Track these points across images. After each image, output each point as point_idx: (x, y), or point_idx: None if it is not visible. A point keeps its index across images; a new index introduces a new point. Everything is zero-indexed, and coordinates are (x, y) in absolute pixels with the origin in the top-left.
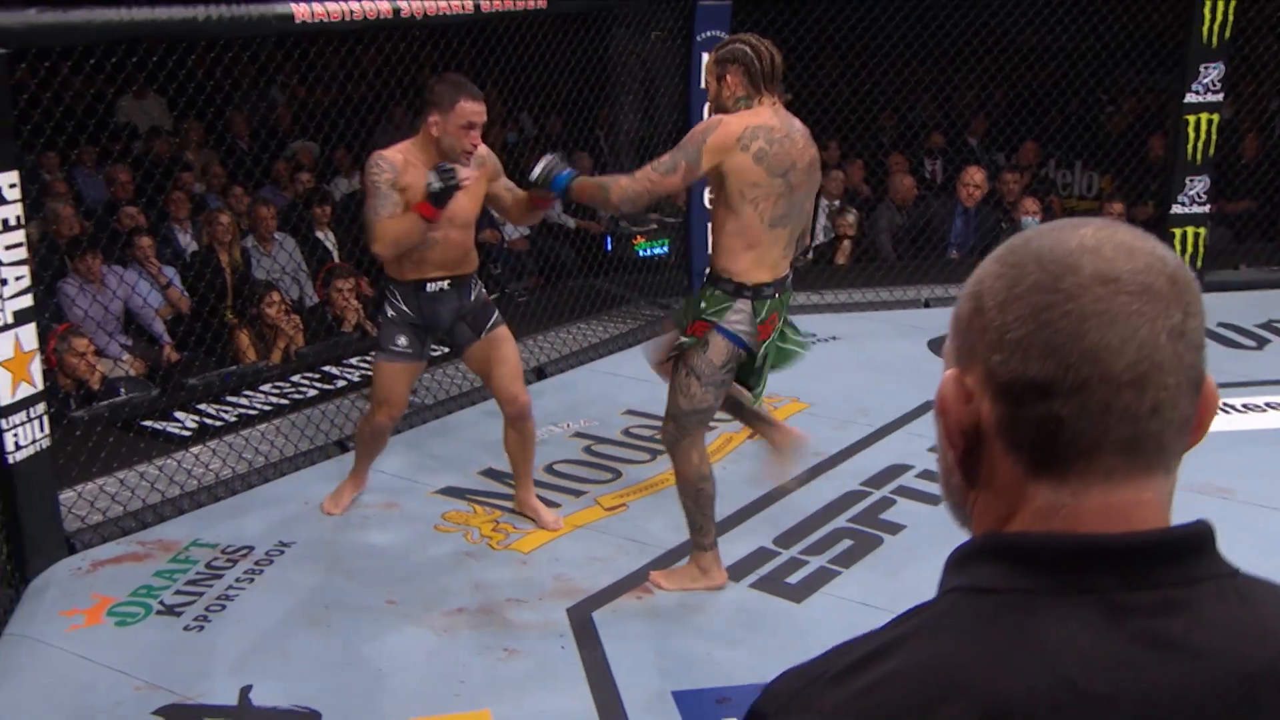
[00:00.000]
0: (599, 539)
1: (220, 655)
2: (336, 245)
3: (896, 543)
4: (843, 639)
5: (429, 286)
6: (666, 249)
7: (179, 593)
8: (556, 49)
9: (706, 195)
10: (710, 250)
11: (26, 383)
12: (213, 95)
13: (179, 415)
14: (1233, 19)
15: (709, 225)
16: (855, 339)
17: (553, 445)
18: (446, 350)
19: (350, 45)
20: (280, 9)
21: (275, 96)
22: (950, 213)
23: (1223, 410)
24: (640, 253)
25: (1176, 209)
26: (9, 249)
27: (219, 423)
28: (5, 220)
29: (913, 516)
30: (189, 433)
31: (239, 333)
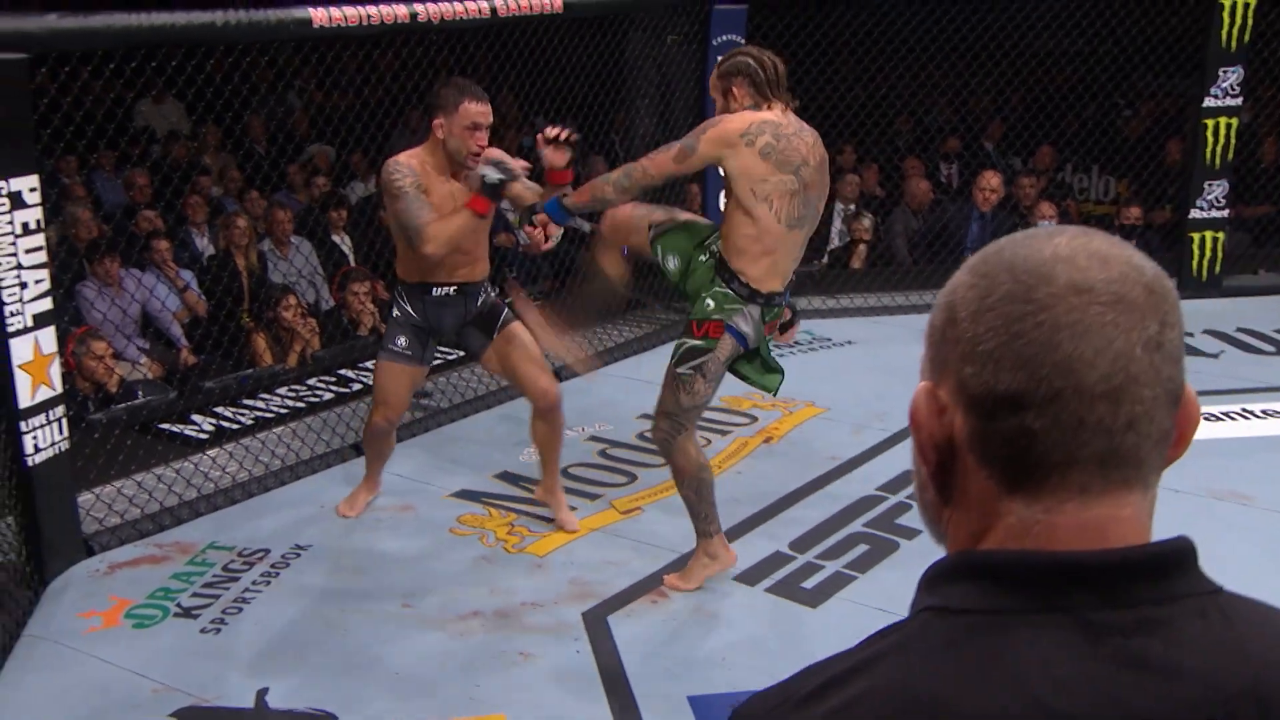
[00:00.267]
0: (614, 542)
1: (237, 658)
2: (352, 249)
3: (912, 547)
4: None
5: (435, 291)
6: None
7: (196, 595)
8: (572, 53)
9: (721, 197)
10: (722, 248)
11: (46, 386)
12: (230, 100)
13: (196, 418)
14: (1252, 23)
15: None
16: (871, 343)
17: (568, 449)
18: (461, 354)
19: (368, 50)
20: (298, 14)
21: (292, 101)
22: (966, 217)
23: (1242, 416)
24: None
25: (1195, 213)
26: (29, 253)
27: (236, 426)
28: (25, 224)
29: None
30: (206, 436)
31: (256, 336)
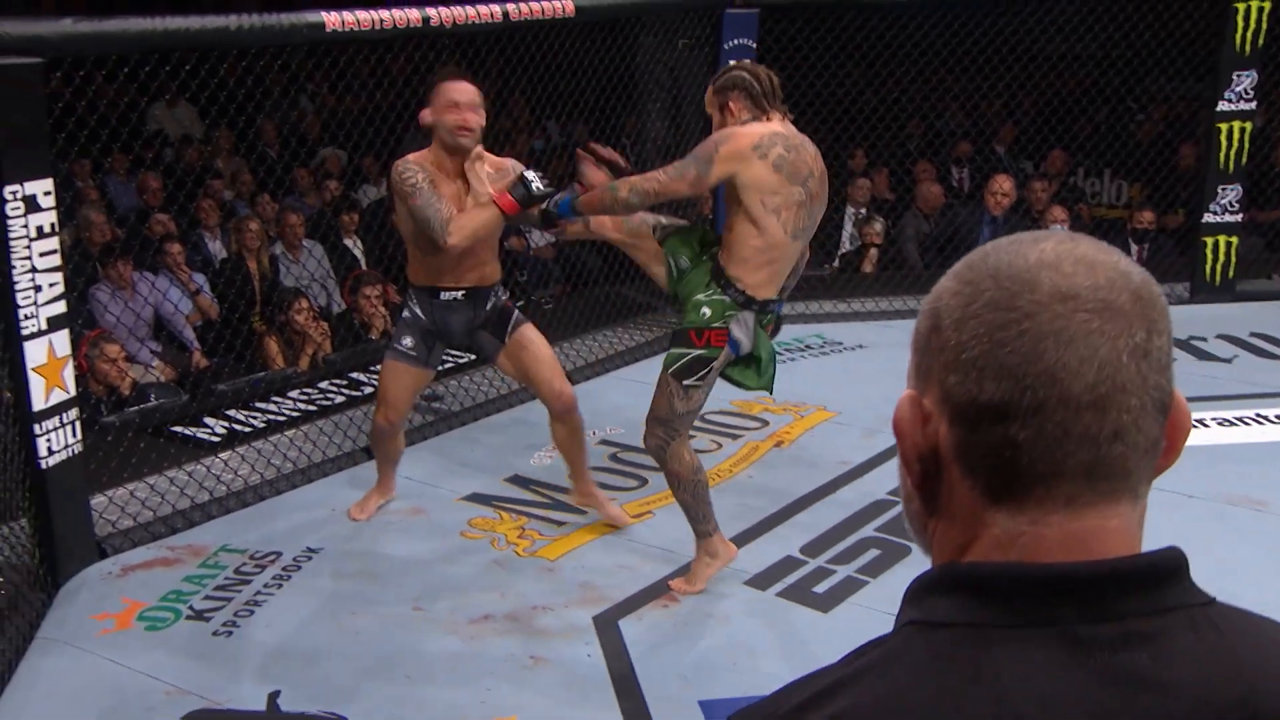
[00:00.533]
0: (626, 546)
1: (249, 660)
2: (364, 252)
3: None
4: None
5: (443, 295)
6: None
7: (208, 598)
8: (583, 57)
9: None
10: (720, 255)
11: (60, 389)
12: (243, 104)
13: (208, 421)
14: (1266, 26)
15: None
16: (882, 347)
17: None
18: (472, 358)
19: (380, 54)
20: (311, 18)
21: (304, 105)
22: (978, 221)
23: (1256, 421)
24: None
25: (1208, 218)
26: (43, 256)
27: (248, 429)
28: (40, 227)
29: None
30: (218, 439)
31: (267, 339)
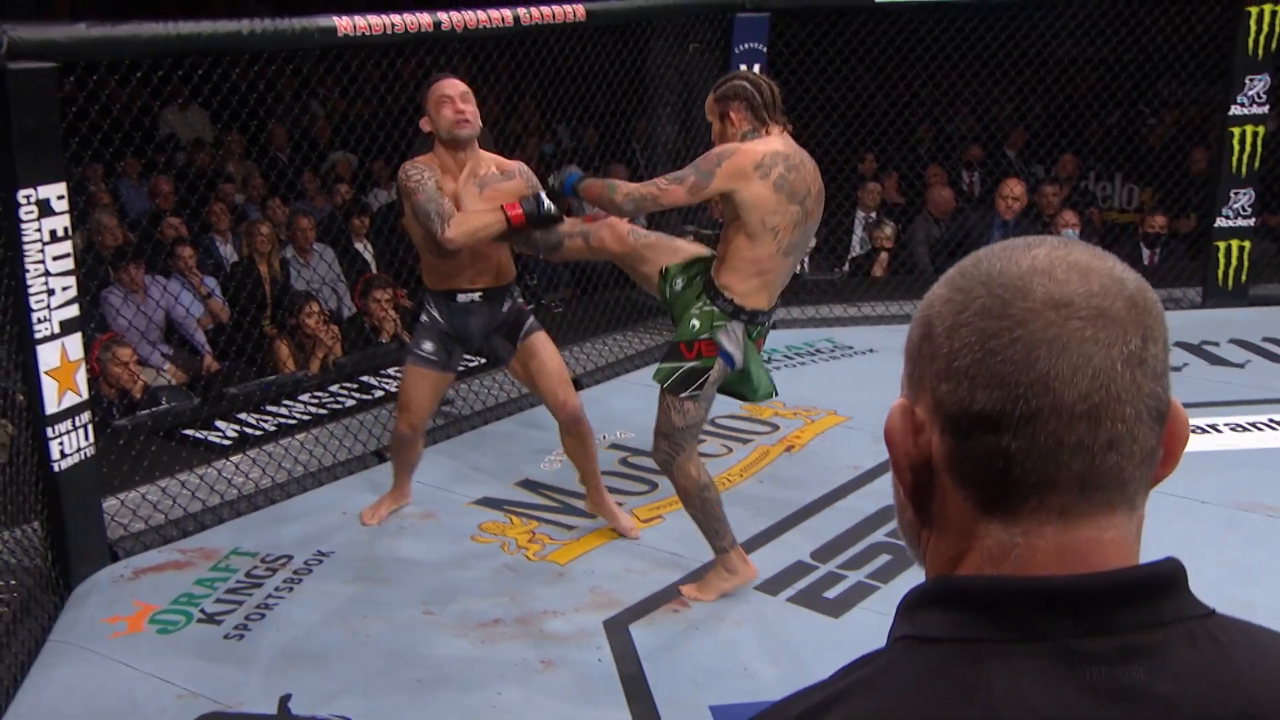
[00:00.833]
0: (635, 551)
1: (260, 664)
2: (374, 256)
3: None
4: None
5: (459, 298)
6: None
7: (219, 601)
8: (594, 61)
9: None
10: (714, 266)
11: (72, 392)
12: (255, 108)
13: (219, 424)
14: (1279, 30)
15: None
16: (893, 351)
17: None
18: (483, 361)
19: (391, 58)
20: (323, 23)
21: (315, 109)
22: (988, 225)
23: (1269, 426)
24: None
25: (1221, 222)
26: (56, 260)
27: (258, 432)
28: (53, 231)
29: None
30: (229, 442)
31: (278, 343)
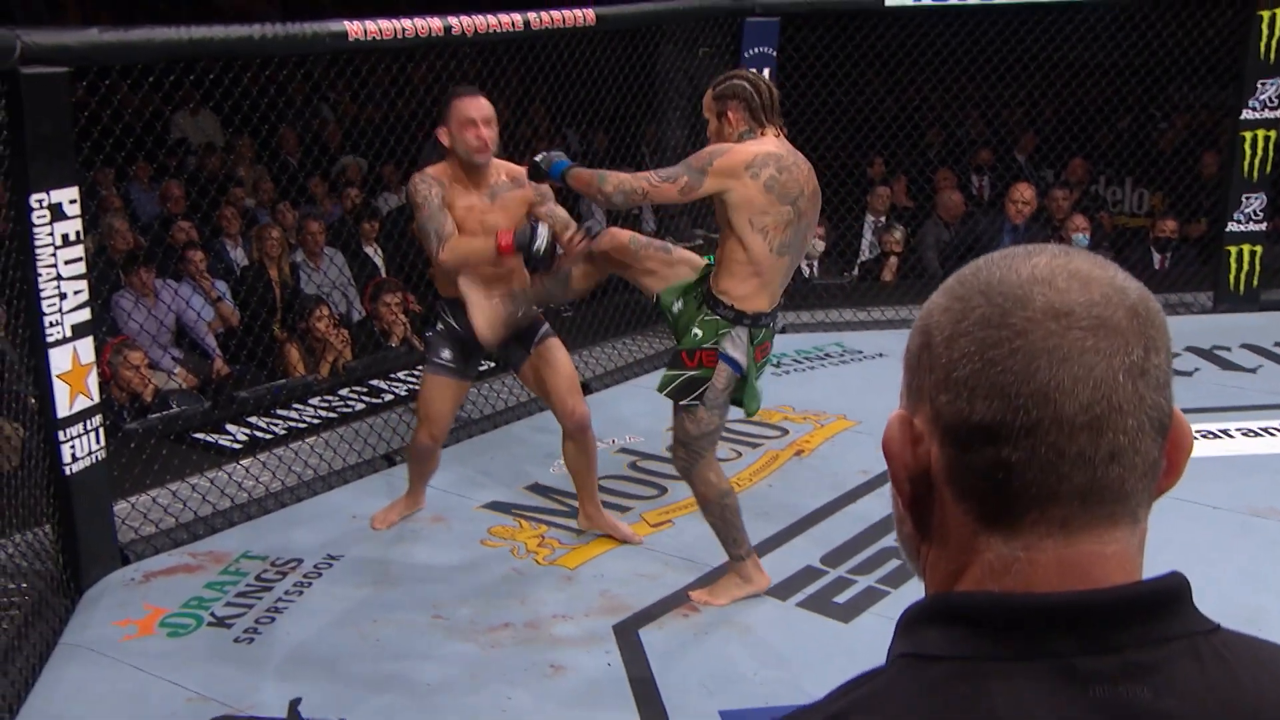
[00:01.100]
0: (645, 555)
1: (270, 668)
2: (384, 260)
3: None
4: None
5: None
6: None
7: (229, 604)
8: (603, 65)
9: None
10: (712, 275)
11: (84, 395)
12: (266, 112)
13: (229, 428)
14: None
15: None
16: (903, 356)
17: (598, 461)
18: (491, 365)
19: (401, 63)
20: (334, 27)
21: (325, 113)
22: (998, 230)
23: None
24: None
25: (1233, 227)
26: (68, 264)
27: (268, 436)
28: (65, 235)
29: None
30: (239, 445)
31: (288, 347)
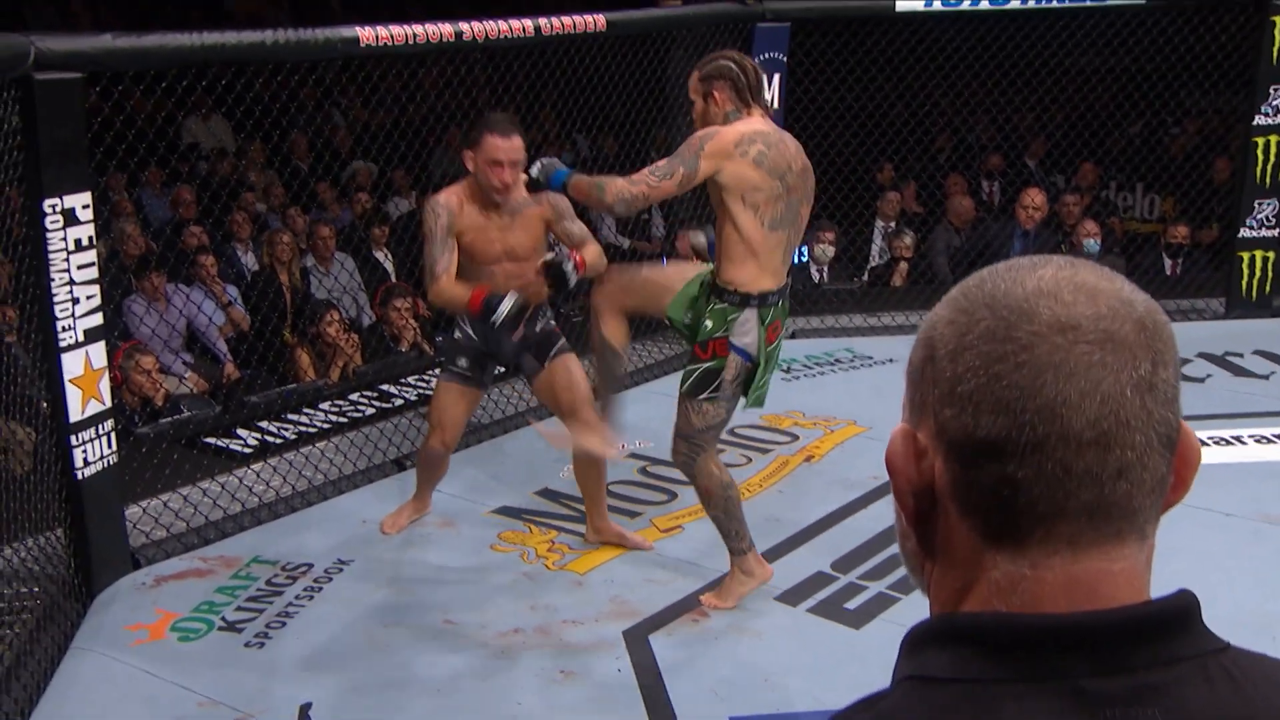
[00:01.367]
0: (655, 561)
1: (281, 672)
2: (394, 265)
3: None
4: None
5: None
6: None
7: (240, 609)
8: (613, 70)
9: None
10: (714, 269)
11: (96, 400)
12: (277, 117)
13: (240, 432)
14: None
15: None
16: None
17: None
18: (502, 370)
19: (412, 68)
20: (345, 33)
21: (336, 118)
22: (1009, 235)
23: None
24: None
25: (1244, 232)
26: (81, 269)
27: (279, 440)
28: (78, 240)
29: None
30: (250, 450)
31: (298, 351)
